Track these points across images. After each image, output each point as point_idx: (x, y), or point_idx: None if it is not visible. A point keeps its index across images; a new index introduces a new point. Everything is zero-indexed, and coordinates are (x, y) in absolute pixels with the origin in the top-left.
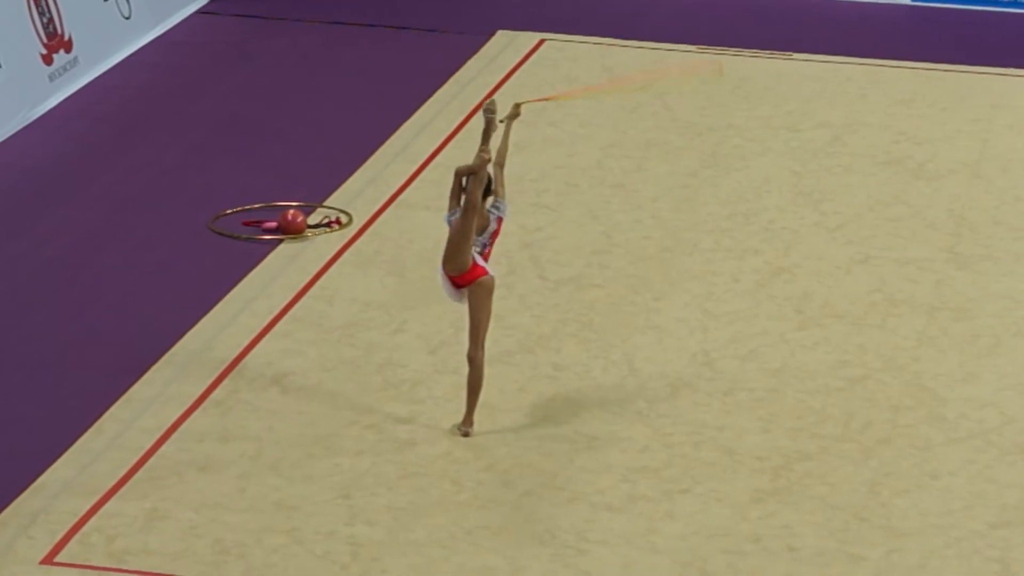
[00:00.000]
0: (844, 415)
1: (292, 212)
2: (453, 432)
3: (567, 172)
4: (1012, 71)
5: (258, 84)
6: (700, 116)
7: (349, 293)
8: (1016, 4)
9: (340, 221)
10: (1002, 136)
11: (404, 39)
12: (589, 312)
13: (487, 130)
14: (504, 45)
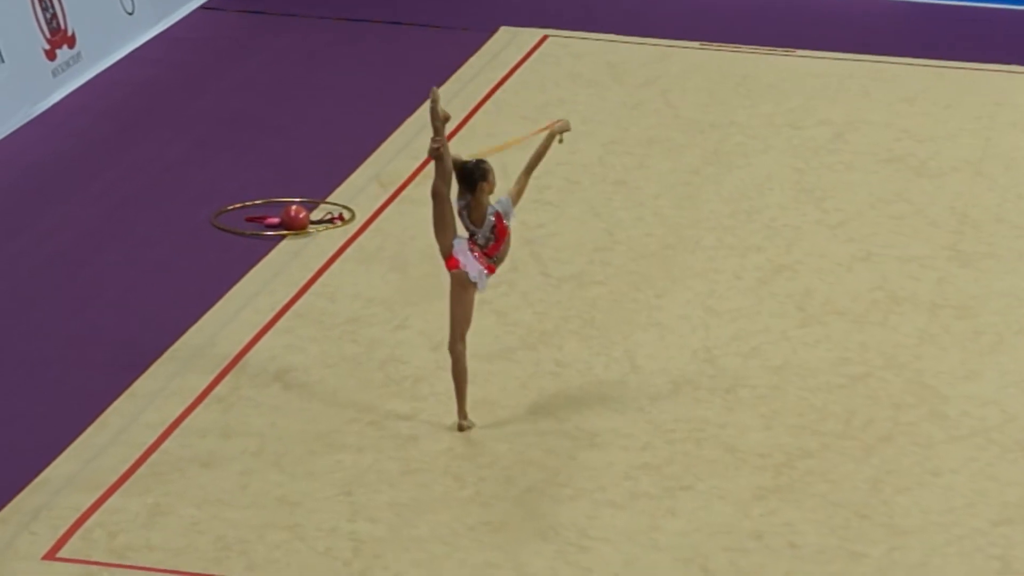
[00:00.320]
0: (846, 412)
1: (294, 208)
2: (454, 429)
3: (569, 169)
4: (1015, 68)
5: (261, 80)
6: (702, 113)
7: (351, 289)
8: (1019, 1)
9: (343, 217)
10: (1005, 134)
11: (407, 35)
12: (591, 309)
13: (432, 120)
14: (507, 41)
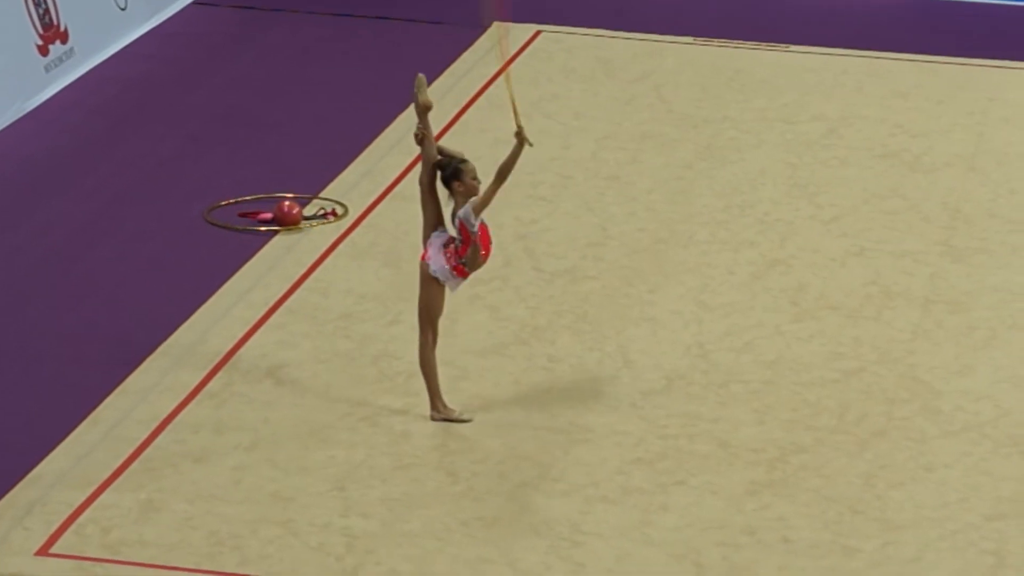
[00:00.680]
0: (839, 407)
1: (287, 204)
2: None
3: (562, 164)
4: (1008, 64)
5: (254, 75)
6: (695, 108)
7: (344, 285)
8: None
9: (335, 213)
10: (998, 129)
11: (400, 30)
12: (584, 304)
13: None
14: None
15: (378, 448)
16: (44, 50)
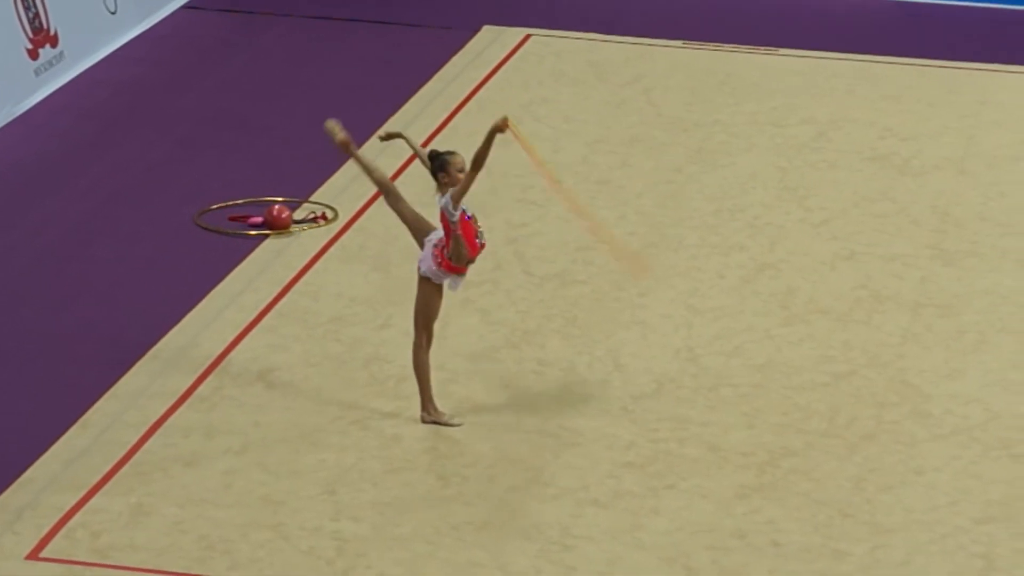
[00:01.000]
0: (829, 411)
1: (278, 207)
2: (437, 428)
3: (552, 168)
4: (998, 67)
5: (244, 79)
6: (685, 112)
7: (334, 288)
8: (1003, 0)
9: (326, 216)
10: (988, 132)
11: (390, 34)
12: (574, 308)
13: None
14: (490, 40)
15: (369, 452)
16: (34, 54)
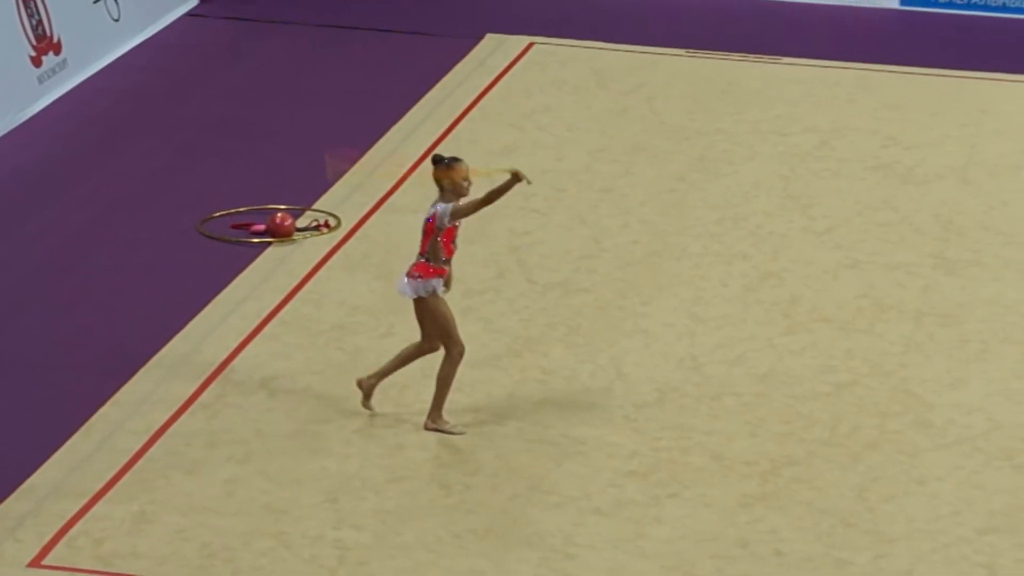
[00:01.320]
0: (832, 420)
1: (280, 215)
2: (441, 437)
3: (555, 176)
4: (1000, 76)
5: (247, 87)
6: (688, 120)
7: (337, 296)
8: (1004, 9)
9: (328, 224)
10: (990, 141)
11: (393, 42)
12: (577, 316)
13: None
14: (493, 48)
15: (371, 460)
16: (37, 61)
